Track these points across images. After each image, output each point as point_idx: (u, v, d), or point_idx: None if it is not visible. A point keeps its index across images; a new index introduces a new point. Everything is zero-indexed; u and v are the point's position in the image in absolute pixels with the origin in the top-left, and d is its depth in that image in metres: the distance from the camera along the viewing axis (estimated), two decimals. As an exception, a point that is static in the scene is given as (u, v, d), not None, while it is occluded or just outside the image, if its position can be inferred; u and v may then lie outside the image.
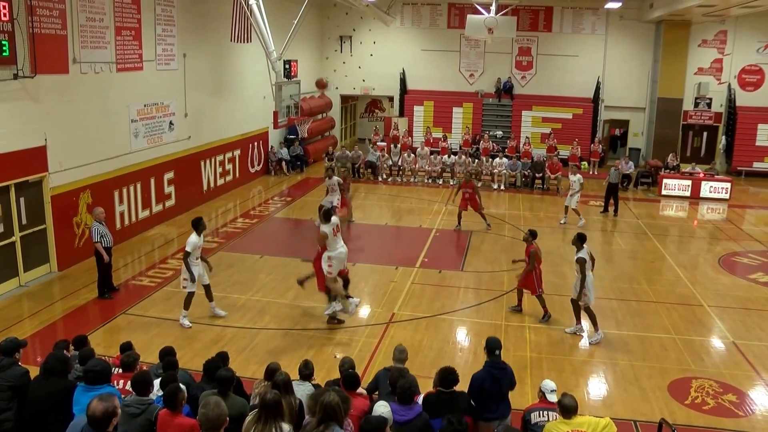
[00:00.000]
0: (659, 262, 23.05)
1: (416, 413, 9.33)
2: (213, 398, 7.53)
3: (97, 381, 9.67)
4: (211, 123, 28.91)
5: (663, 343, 16.31)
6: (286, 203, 29.75)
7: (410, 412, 9.35)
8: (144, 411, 9.25)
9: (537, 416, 9.75)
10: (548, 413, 9.76)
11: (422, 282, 18.82)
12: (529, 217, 28.45)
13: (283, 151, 36.44)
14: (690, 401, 13.54)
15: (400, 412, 9.29)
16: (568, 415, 8.86)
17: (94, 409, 7.41)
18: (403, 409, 9.35)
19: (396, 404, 9.46)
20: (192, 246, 15.89)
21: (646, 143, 42.27)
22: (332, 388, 9.08)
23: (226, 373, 9.70)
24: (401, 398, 9.39)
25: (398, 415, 9.28)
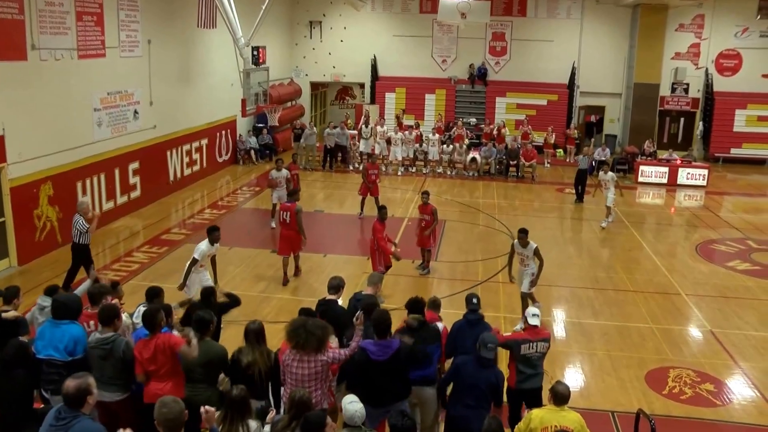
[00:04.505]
0: (636, 251, 23.18)
1: (393, 350, 9.43)
2: (169, 397, 7.43)
3: (64, 314, 9.66)
4: (178, 111, 28.70)
5: (641, 332, 16.43)
6: (255, 193, 29.65)
7: (387, 349, 9.42)
8: (111, 350, 9.33)
9: (526, 348, 10.79)
10: (537, 345, 10.75)
11: (395, 273, 18.80)
12: (504, 206, 28.50)
13: (251, 139, 36.26)
14: (668, 391, 13.68)
15: (377, 352, 9.35)
16: (558, 403, 9.00)
17: (67, 386, 7.38)
18: (379, 346, 9.41)
19: (371, 342, 9.54)
20: (200, 254, 15.44)
21: (623, 130, 42.47)
22: (310, 320, 9.52)
23: (205, 315, 9.92)
24: (375, 330, 9.59)
25: (375, 356, 9.33)
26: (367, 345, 9.55)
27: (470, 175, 34.65)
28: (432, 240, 19.98)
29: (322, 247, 21.71)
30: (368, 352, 9.42)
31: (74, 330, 9.61)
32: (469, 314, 11.28)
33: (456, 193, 30.76)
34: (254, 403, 9.27)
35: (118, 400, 9.42)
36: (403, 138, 34.63)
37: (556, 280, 19.87)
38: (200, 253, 15.49)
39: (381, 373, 9.40)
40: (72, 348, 9.47)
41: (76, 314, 9.87)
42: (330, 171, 34.68)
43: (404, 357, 9.58)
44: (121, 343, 9.46)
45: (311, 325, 9.25)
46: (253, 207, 27.52)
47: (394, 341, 9.62)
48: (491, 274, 19.83)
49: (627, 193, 31.48)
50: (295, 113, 41.28)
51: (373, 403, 8.99)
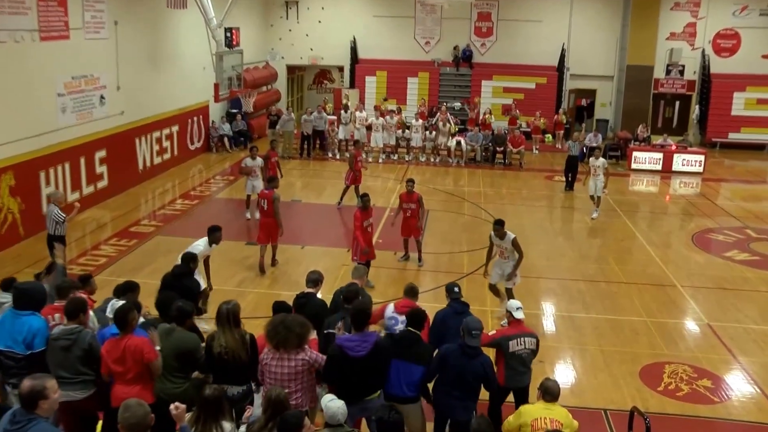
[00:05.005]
0: (629, 241, 23.23)
1: (371, 344, 9.39)
2: (134, 400, 7.36)
3: (25, 304, 9.59)
4: (147, 97, 28.49)
5: (634, 326, 16.45)
6: (229, 182, 29.54)
7: (364, 344, 9.37)
8: (75, 342, 9.26)
9: (514, 345, 10.86)
10: (525, 340, 10.81)
11: (376, 265, 18.75)
12: (490, 194, 28.50)
13: (225, 126, 36.05)
14: (663, 387, 13.68)
15: (354, 348, 9.31)
16: (549, 399, 9.19)
17: (22, 386, 7.30)
18: (355, 341, 9.37)
19: (346, 338, 9.58)
20: (198, 255, 15.01)
21: (615, 114, 42.56)
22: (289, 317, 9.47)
23: (185, 306, 9.98)
24: (353, 321, 9.62)
25: (352, 352, 9.31)
26: (343, 341, 9.51)
27: (455, 162, 34.66)
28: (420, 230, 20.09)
29: (300, 239, 21.64)
30: (344, 349, 9.35)
31: (34, 322, 9.53)
32: (455, 303, 11.37)
33: (440, 181, 30.74)
34: (232, 389, 9.39)
35: (85, 397, 9.39)
36: (384, 124, 34.62)
37: (545, 272, 19.92)
38: (198, 254, 15.05)
39: (359, 370, 9.34)
40: (30, 341, 9.40)
41: (38, 305, 9.79)
42: (308, 159, 34.58)
43: (382, 352, 9.53)
44: (87, 336, 9.42)
45: (290, 322, 9.20)
46: (227, 197, 27.41)
47: (372, 335, 9.60)
48: (477, 266, 19.72)
49: (620, 180, 31.61)
50: (270, 98, 41.13)
51: (350, 400, 8.97)
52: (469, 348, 9.76)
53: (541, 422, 9.04)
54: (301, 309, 10.98)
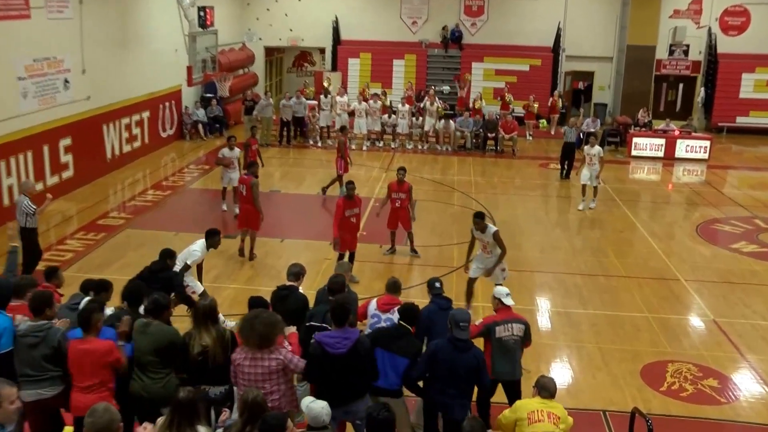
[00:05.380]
0: (629, 232, 23.29)
1: (352, 341, 9.35)
2: (101, 405, 7.31)
3: None
4: (115, 81, 28.34)
5: (635, 322, 16.46)
6: (204, 172, 29.47)
7: (345, 341, 9.34)
8: (44, 339, 9.26)
9: (501, 331, 11.04)
10: (512, 326, 11.01)
11: (361, 259, 18.73)
12: (481, 183, 28.51)
13: (199, 112, 35.99)
14: (666, 387, 13.69)
15: (334, 345, 9.29)
16: (545, 394, 9.38)
17: None
18: (335, 338, 9.34)
19: (327, 334, 9.54)
20: (194, 260, 15.10)
21: (614, 98, 42.58)
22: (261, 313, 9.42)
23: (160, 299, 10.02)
24: (333, 316, 9.57)
25: (332, 349, 9.29)
26: (323, 337, 9.47)
27: (444, 149, 34.63)
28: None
29: (279, 231, 21.61)
30: (324, 346, 9.32)
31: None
32: (438, 299, 11.45)
33: (428, 169, 30.73)
34: (214, 389, 9.43)
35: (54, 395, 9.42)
36: (368, 109, 34.59)
37: (540, 265, 19.96)
38: (194, 258, 15.07)
39: (339, 369, 9.30)
40: None
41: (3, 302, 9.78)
42: (288, 146, 34.52)
43: (364, 350, 9.50)
44: (57, 333, 9.42)
45: (258, 321, 9.15)
46: (202, 187, 27.34)
47: (353, 332, 9.54)
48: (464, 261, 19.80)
49: (620, 168, 31.68)
50: (247, 82, 41.01)
51: (333, 401, 8.97)
52: (459, 341, 9.78)
53: (538, 415, 9.18)
54: (282, 302, 11.07)
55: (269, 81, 46.45)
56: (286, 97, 35.17)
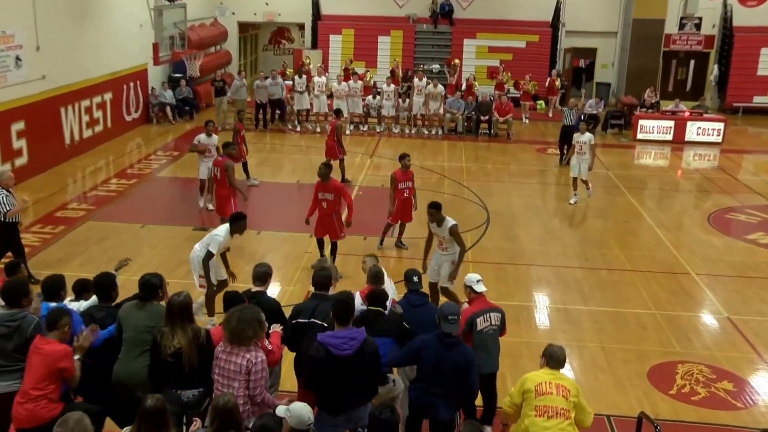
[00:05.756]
0: (635, 222, 23.32)
1: (359, 342, 9.26)
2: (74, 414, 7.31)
3: None
4: (73, 59, 28.16)
5: (641, 320, 16.48)
6: (173, 159, 29.41)
7: (352, 342, 9.24)
8: (16, 329, 9.43)
9: (482, 322, 11.19)
10: (491, 315, 11.11)
11: (344, 252, 18.70)
12: (473, 170, 28.50)
13: (166, 93, 35.84)
14: (676, 391, 13.67)
15: (339, 346, 9.18)
16: (554, 366, 9.56)
17: None
18: (341, 338, 9.25)
19: (330, 334, 9.42)
20: (218, 246, 14.85)
21: (618, 76, 42.58)
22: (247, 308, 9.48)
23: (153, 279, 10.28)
24: (335, 315, 9.48)
25: (337, 351, 9.17)
26: (327, 338, 9.33)
27: (433, 133, 34.61)
28: None
29: (256, 223, 21.44)
30: (328, 347, 9.19)
31: None
32: (411, 294, 11.42)
33: (416, 155, 30.62)
34: (185, 393, 9.42)
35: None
36: (348, 90, 34.49)
37: (537, 258, 19.96)
38: (217, 245, 14.84)
39: (344, 372, 9.20)
40: None
41: None
42: (264, 131, 34.43)
43: (371, 351, 9.40)
44: (32, 322, 9.55)
45: (235, 316, 9.18)
46: (171, 175, 27.31)
47: (360, 332, 9.43)
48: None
49: (624, 152, 31.73)
50: (219, 61, 40.91)
51: (332, 410, 8.93)
52: (447, 336, 9.77)
53: (546, 386, 9.31)
54: None
55: (243, 60, 46.36)
56: (260, 77, 34.98)
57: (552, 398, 9.26)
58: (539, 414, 9.29)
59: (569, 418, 9.33)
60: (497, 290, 17.28)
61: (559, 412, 9.25)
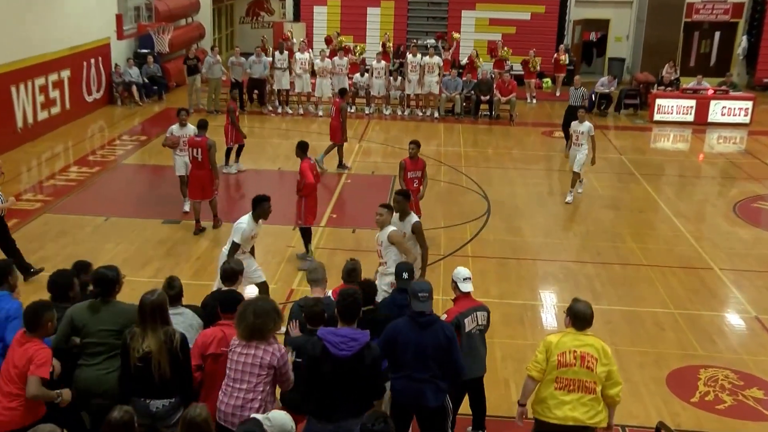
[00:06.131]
0: (651, 213, 23.35)
1: (361, 344, 9.19)
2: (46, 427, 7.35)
3: None
4: (25, 32, 28.01)
5: (658, 320, 16.49)
6: (140, 144, 29.33)
7: (352, 342, 9.16)
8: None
9: (469, 323, 11.17)
10: (477, 315, 11.09)
11: (330, 246, 18.73)
12: (473, 156, 28.49)
13: (132, 71, 35.71)
14: (698, 398, 13.63)
15: (340, 345, 9.10)
16: (580, 325, 9.63)
17: None
18: (342, 337, 9.19)
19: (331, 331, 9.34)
20: (242, 236, 14.70)
21: (633, 51, 42.57)
22: None
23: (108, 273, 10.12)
24: (340, 312, 9.44)
25: (337, 350, 9.10)
26: (327, 334, 9.26)
27: (428, 115, 34.60)
28: None
29: (232, 215, 21.40)
30: (328, 344, 9.12)
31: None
32: (398, 293, 11.39)
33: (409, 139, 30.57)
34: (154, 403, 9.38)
35: None
36: (333, 67, 34.39)
37: (543, 252, 20.02)
38: (242, 234, 14.70)
39: (339, 376, 9.14)
40: None
41: None
42: (241, 112, 34.30)
43: (371, 358, 9.31)
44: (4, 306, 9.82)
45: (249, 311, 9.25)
46: (138, 163, 27.26)
47: (362, 333, 9.34)
48: (457, 246, 19.87)
49: (639, 135, 31.72)
50: (191, 35, 40.82)
51: (323, 416, 8.96)
52: (420, 316, 9.78)
53: (569, 356, 9.44)
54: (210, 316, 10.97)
55: (218, 34, 46.29)
56: (236, 53, 34.89)
57: (575, 371, 9.39)
58: (559, 386, 9.47)
59: (593, 392, 9.48)
60: (499, 288, 17.47)
61: (582, 385, 9.42)
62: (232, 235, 14.78)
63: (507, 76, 34.95)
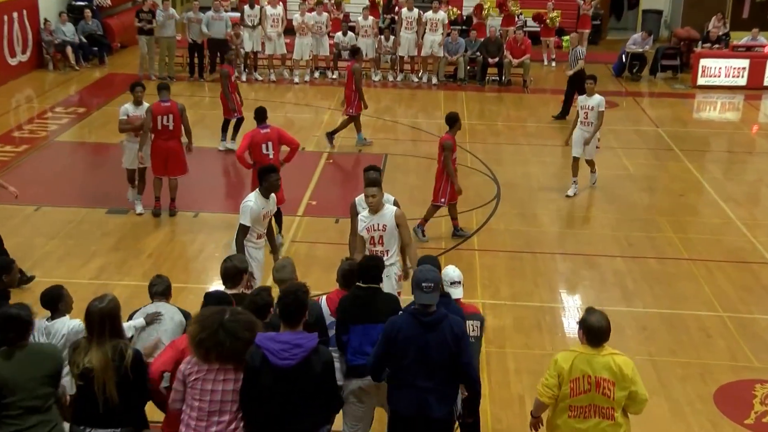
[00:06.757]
0: (694, 196, 23.48)
1: (306, 351, 9.02)
2: None
3: None
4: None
5: (704, 325, 16.51)
6: (77, 117, 29.33)
7: (295, 349, 9.00)
8: None
9: None
10: (469, 324, 10.90)
11: (308, 239, 18.81)
12: (479, 129, 28.57)
13: (66, 28, 35.59)
14: (754, 419, 13.62)
15: (279, 353, 8.94)
16: (595, 341, 9.58)
17: None
18: (282, 344, 9.04)
19: (271, 336, 9.17)
20: (251, 215, 14.67)
21: (673, 1, 42.52)
22: None
23: (22, 313, 9.78)
24: (281, 312, 9.28)
25: (277, 359, 8.93)
26: (266, 341, 9.07)
27: (425, 81, 34.69)
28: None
29: (192, 202, 21.52)
30: (266, 352, 8.96)
31: None
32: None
33: (403, 110, 30.77)
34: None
35: None
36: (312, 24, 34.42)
37: (564, 244, 20.19)
38: (249, 214, 14.70)
39: (282, 389, 9.01)
40: None
41: None
42: (200, 80, 34.49)
43: (322, 365, 9.16)
44: None
45: (232, 324, 8.92)
46: (76, 140, 27.33)
47: (308, 337, 9.20)
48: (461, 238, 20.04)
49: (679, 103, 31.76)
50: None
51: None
52: (423, 312, 9.69)
53: (583, 384, 9.42)
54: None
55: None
56: (194, 8, 34.55)
57: (590, 397, 9.43)
58: (574, 414, 9.55)
59: (611, 417, 9.51)
60: (511, 287, 17.57)
61: (598, 411, 9.48)
62: (239, 217, 14.75)
63: (519, 34, 34.98)
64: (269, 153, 18.56)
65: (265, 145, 18.46)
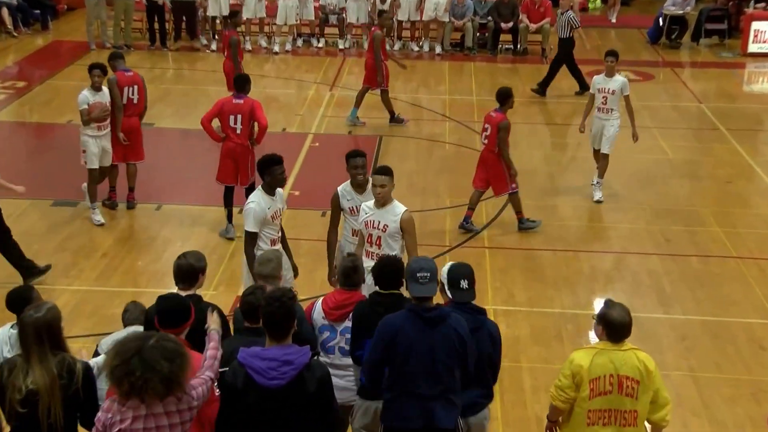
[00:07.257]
0: (743, 183, 23.50)
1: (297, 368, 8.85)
2: None
3: None
4: None
5: (755, 335, 16.49)
6: (16, 93, 29.30)
7: (285, 367, 8.83)
8: None
9: None
10: None
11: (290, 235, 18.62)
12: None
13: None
14: (818, 448, 13.67)
15: (266, 371, 8.78)
16: (616, 337, 9.80)
17: None
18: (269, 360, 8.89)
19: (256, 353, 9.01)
20: (255, 220, 14.46)
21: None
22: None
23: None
24: (265, 324, 9.09)
25: (260, 376, 8.77)
26: (249, 358, 8.92)
27: (427, 50, 34.63)
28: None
29: (153, 192, 21.52)
30: (250, 371, 8.83)
31: None
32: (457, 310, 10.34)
33: (402, 84, 30.75)
34: None
35: None
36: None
37: (590, 240, 20.32)
38: (254, 217, 14.48)
39: (270, 413, 8.90)
40: None
41: None
42: (162, 49, 34.38)
43: (316, 384, 8.99)
44: None
45: (151, 352, 8.38)
46: (14, 119, 27.37)
47: (300, 351, 9.00)
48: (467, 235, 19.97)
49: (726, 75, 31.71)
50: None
51: None
52: (424, 308, 9.67)
53: (605, 383, 9.50)
54: None
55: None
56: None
57: (612, 399, 9.49)
58: (593, 421, 9.60)
59: (633, 424, 9.60)
60: (527, 291, 17.56)
61: (620, 417, 9.56)
62: (244, 223, 14.65)
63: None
64: (237, 127, 18.81)
65: (234, 117, 18.66)
